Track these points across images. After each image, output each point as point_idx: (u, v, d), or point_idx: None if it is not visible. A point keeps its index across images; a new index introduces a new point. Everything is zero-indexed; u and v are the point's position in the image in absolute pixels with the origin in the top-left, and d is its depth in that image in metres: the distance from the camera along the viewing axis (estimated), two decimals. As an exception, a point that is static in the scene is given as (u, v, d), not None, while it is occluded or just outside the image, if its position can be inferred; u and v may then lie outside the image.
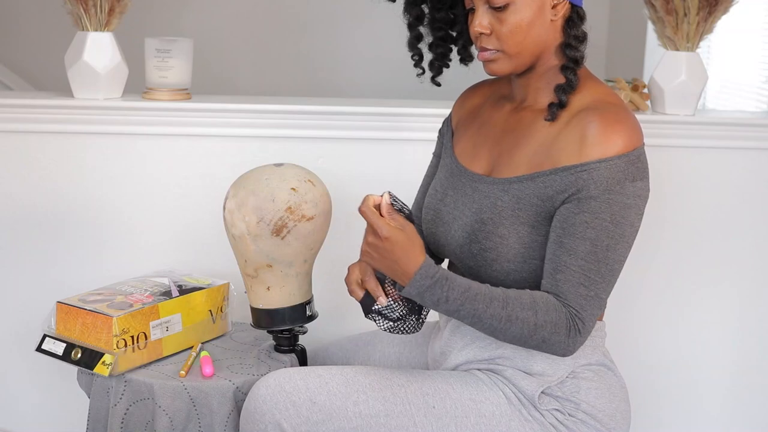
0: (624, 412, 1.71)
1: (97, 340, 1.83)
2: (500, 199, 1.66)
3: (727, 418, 2.57)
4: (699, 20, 2.37)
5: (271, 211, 1.80)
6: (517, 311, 1.56)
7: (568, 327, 1.57)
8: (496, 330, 1.58)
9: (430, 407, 1.64)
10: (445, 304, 1.56)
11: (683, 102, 2.42)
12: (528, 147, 1.66)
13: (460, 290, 1.56)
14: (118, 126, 2.32)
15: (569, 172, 1.58)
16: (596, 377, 1.69)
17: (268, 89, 4.28)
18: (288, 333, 1.92)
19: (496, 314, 1.56)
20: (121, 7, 2.29)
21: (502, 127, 1.74)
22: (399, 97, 2.72)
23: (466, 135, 1.81)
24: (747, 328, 2.53)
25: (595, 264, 1.56)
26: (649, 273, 2.47)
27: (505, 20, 1.61)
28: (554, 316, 1.56)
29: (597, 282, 1.57)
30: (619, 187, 1.56)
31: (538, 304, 1.57)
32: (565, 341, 1.57)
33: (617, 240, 1.57)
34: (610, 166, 1.56)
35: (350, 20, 4.71)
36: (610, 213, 1.56)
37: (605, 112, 1.60)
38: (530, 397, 1.66)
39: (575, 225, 1.57)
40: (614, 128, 1.57)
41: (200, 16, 4.55)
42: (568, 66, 1.64)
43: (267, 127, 2.36)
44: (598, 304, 1.59)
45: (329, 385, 1.65)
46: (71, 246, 2.37)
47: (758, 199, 2.48)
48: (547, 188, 1.60)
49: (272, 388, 1.65)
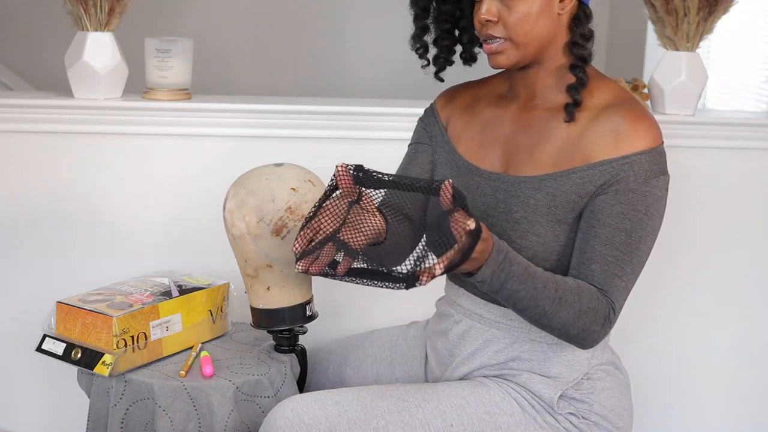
0: (629, 408, 1.73)
1: (97, 340, 1.83)
2: (532, 197, 1.64)
3: (731, 417, 2.57)
4: (699, 20, 2.37)
5: (271, 211, 1.80)
6: (566, 294, 1.54)
7: (605, 317, 1.57)
8: (546, 314, 1.53)
9: (449, 425, 1.63)
10: (507, 282, 1.49)
11: (683, 102, 2.42)
12: (549, 144, 1.65)
13: (522, 266, 1.51)
14: (118, 126, 2.32)
15: (609, 166, 1.59)
16: (607, 377, 1.69)
17: (268, 89, 4.28)
18: (288, 333, 1.92)
19: (550, 295, 1.53)
20: (121, 7, 2.29)
21: (511, 126, 1.72)
22: (399, 97, 2.72)
23: (466, 134, 1.79)
24: (748, 328, 2.53)
25: (628, 255, 1.58)
26: (649, 273, 2.47)
27: (514, 7, 1.60)
28: (596, 304, 1.56)
29: (628, 273, 1.59)
30: (655, 179, 1.58)
31: (582, 290, 1.56)
32: (599, 331, 1.58)
33: (648, 232, 1.59)
34: (648, 158, 1.58)
35: (350, 20, 4.71)
36: (645, 205, 1.58)
37: (631, 108, 1.62)
38: (548, 401, 1.65)
39: (611, 216, 1.58)
40: (643, 123, 1.60)
41: (200, 16, 4.55)
42: (577, 64, 1.64)
43: (267, 127, 2.36)
44: (626, 295, 1.60)
45: (348, 413, 1.61)
46: (71, 246, 2.37)
47: (758, 199, 2.48)
48: (585, 183, 1.60)
49: (290, 419, 1.61)
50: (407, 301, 2.32)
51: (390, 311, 2.36)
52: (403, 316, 2.16)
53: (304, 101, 2.42)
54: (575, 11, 1.64)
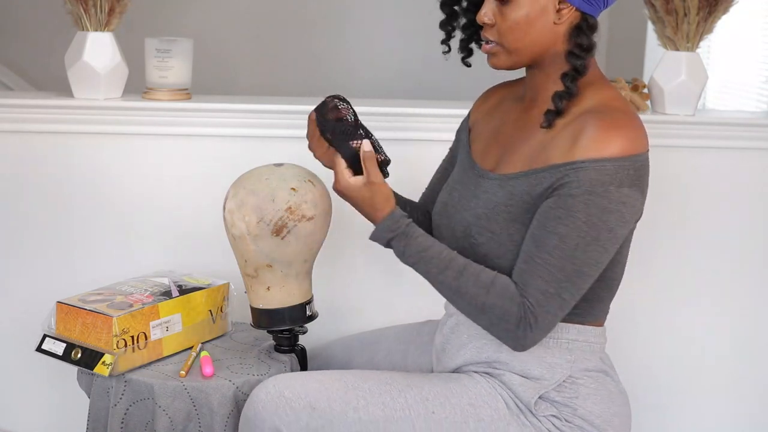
0: (622, 417, 1.71)
1: (97, 340, 1.83)
2: (495, 195, 1.67)
3: (729, 418, 2.57)
4: (699, 20, 2.37)
5: (271, 211, 1.80)
6: (468, 286, 1.59)
7: (519, 318, 1.56)
8: (449, 298, 1.64)
9: (430, 412, 1.64)
10: (402, 257, 1.66)
11: (683, 102, 2.42)
12: (527, 145, 1.67)
13: (417, 249, 1.64)
14: (118, 126, 2.32)
15: (557, 170, 1.58)
16: (594, 383, 1.68)
17: (269, 89, 4.27)
18: (288, 333, 1.92)
19: (446, 283, 1.61)
20: (121, 7, 2.29)
21: (512, 126, 1.75)
22: (399, 97, 2.72)
23: (482, 134, 1.82)
24: (747, 329, 2.53)
25: (560, 260, 1.55)
26: (649, 274, 2.47)
27: (506, 15, 1.62)
28: (506, 303, 1.57)
29: (560, 280, 1.55)
30: (602, 189, 1.54)
31: (495, 286, 1.58)
32: (514, 332, 1.57)
33: (589, 242, 1.55)
34: (598, 167, 1.54)
35: (350, 20, 4.71)
36: (586, 214, 1.54)
37: (605, 115, 1.59)
38: (527, 403, 1.66)
39: (549, 219, 1.56)
40: (610, 132, 1.56)
41: (200, 16, 4.55)
42: (568, 73, 1.62)
43: (267, 127, 2.36)
44: (559, 304, 1.57)
45: (329, 391, 1.64)
46: (71, 246, 2.37)
47: (758, 199, 2.48)
48: (537, 185, 1.60)
49: (272, 394, 1.65)
50: (408, 301, 2.32)
51: (391, 310, 2.36)
52: (404, 317, 2.16)
53: (304, 101, 2.41)
54: (577, 21, 1.63)
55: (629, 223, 1.59)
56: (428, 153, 2.13)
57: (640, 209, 1.61)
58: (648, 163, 1.61)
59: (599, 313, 1.71)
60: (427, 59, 4.75)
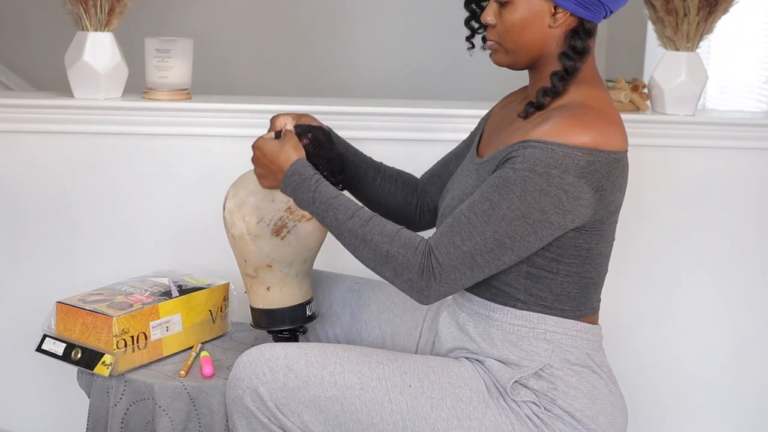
0: (611, 416, 1.69)
1: (97, 340, 1.83)
2: (470, 177, 1.74)
3: (726, 417, 2.57)
4: (699, 20, 2.37)
5: (271, 211, 1.80)
6: (374, 234, 1.62)
7: (423, 268, 1.60)
8: (353, 248, 1.65)
9: (407, 386, 1.66)
10: (312, 205, 1.68)
11: (683, 102, 2.42)
12: (504, 133, 1.75)
13: (327, 196, 1.67)
14: (118, 126, 2.32)
15: (512, 147, 1.62)
16: (577, 377, 1.68)
17: (268, 89, 4.28)
18: (288, 333, 1.92)
19: (353, 230, 1.63)
20: (121, 7, 2.29)
21: (509, 119, 1.80)
22: (399, 97, 2.72)
23: (487, 129, 1.89)
24: (745, 328, 2.53)
25: (483, 225, 1.58)
26: (649, 274, 2.47)
27: (504, 17, 1.69)
28: (409, 252, 1.60)
29: (477, 242, 1.59)
30: (544, 170, 1.57)
31: (400, 237, 1.62)
32: (417, 282, 1.60)
33: (517, 216, 1.58)
34: (545, 148, 1.57)
35: (350, 20, 4.71)
36: (522, 189, 1.57)
37: (575, 110, 1.62)
38: (504, 386, 1.68)
39: (488, 186, 1.61)
40: (572, 123, 1.59)
41: (200, 16, 4.55)
42: (558, 72, 1.67)
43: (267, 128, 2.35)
44: (470, 264, 1.60)
45: (308, 355, 1.67)
46: (71, 246, 2.37)
47: (758, 199, 2.48)
48: (494, 160, 1.67)
49: (253, 356, 1.68)
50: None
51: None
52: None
53: (304, 101, 2.42)
54: (574, 25, 1.67)
55: (570, 214, 1.60)
56: (429, 153, 2.14)
57: (588, 204, 1.61)
58: (617, 164, 1.62)
59: (577, 308, 1.71)
60: (427, 59, 4.77)
